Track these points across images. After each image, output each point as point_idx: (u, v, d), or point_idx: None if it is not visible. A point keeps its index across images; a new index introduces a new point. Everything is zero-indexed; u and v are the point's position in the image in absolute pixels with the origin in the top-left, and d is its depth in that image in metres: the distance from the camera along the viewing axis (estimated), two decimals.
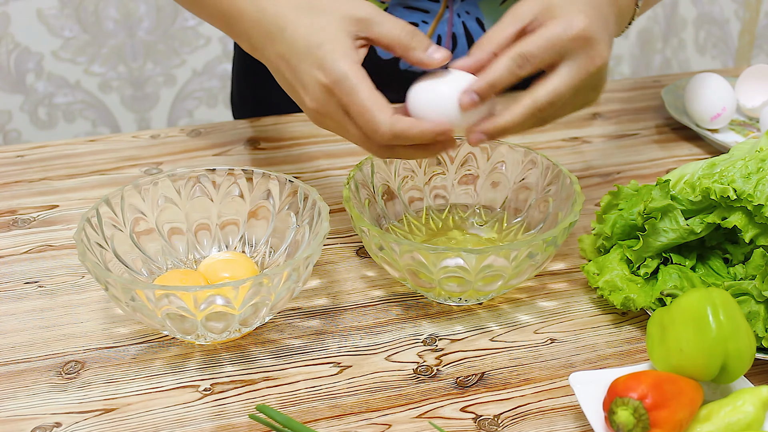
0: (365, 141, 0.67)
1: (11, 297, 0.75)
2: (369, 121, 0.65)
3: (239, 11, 0.72)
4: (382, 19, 0.68)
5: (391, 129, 0.64)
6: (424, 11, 0.97)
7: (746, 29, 2.05)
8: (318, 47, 0.66)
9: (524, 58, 0.65)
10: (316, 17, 0.67)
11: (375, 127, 0.65)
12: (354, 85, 0.65)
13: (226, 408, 0.64)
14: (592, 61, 0.66)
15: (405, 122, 0.65)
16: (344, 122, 0.67)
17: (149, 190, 0.74)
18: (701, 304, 0.60)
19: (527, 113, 0.66)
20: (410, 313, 0.74)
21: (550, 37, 0.65)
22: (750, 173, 0.69)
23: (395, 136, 0.64)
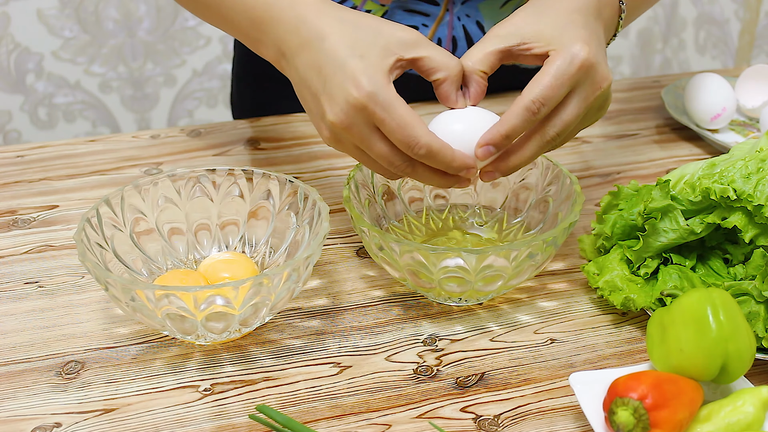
0: (390, 157, 0.66)
1: (11, 297, 0.75)
2: (408, 136, 0.64)
3: (276, 18, 0.70)
4: (428, 44, 0.68)
5: (429, 145, 0.64)
6: (424, 14, 0.97)
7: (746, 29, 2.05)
8: (359, 59, 0.65)
9: (537, 102, 0.65)
10: (360, 32, 0.67)
11: (413, 141, 0.64)
12: (392, 99, 0.64)
13: (226, 408, 0.64)
14: (599, 85, 0.68)
15: (441, 143, 0.65)
16: (370, 137, 0.66)
17: (149, 190, 0.75)
18: (701, 304, 0.60)
19: (539, 149, 0.68)
20: (410, 313, 0.74)
21: (558, 75, 0.66)
22: (750, 173, 0.69)
23: (430, 152, 0.65)
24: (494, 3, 0.99)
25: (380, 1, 0.96)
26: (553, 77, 0.65)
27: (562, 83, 0.66)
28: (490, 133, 0.66)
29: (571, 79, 0.66)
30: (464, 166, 0.66)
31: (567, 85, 0.66)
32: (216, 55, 2.14)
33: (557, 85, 0.65)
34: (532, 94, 0.65)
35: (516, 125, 0.66)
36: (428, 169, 0.67)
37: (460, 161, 0.66)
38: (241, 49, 1.14)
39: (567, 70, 0.66)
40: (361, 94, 0.64)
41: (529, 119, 0.66)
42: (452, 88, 0.68)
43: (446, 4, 0.97)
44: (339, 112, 0.65)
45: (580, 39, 0.67)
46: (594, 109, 0.70)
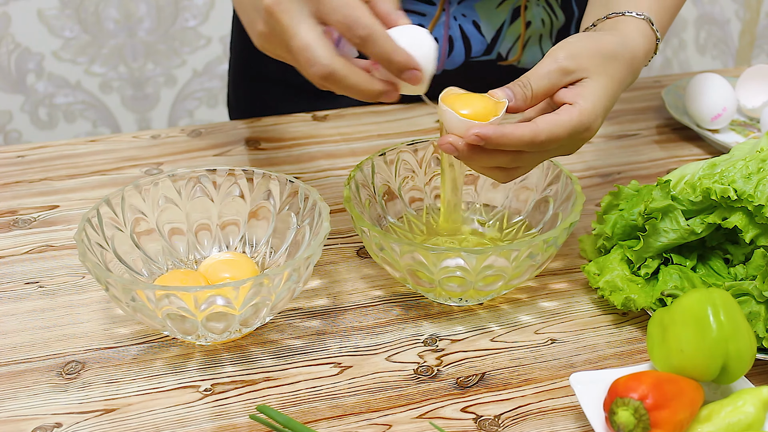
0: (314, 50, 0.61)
1: (12, 297, 0.75)
2: (349, 14, 0.60)
3: None
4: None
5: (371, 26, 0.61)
6: (420, 14, 0.97)
7: (747, 29, 2.05)
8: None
9: (546, 144, 0.66)
10: None
11: (354, 20, 0.61)
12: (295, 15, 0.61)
13: (226, 408, 0.64)
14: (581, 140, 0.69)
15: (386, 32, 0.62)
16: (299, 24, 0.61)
17: (150, 190, 0.75)
18: (702, 304, 0.60)
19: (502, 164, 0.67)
20: (411, 313, 0.74)
21: (572, 134, 0.67)
22: (750, 173, 0.69)
23: (371, 36, 0.61)
24: (491, 2, 0.99)
25: None
26: (567, 133, 0.66)
27: (568, 139, 0.67)
28: (492, 132, 0.65)
29: (574, 139, 0.68)
30: (407, 63, 0.62)
31: (562, 138, 0.67)
32: (216, 55, 2.14)
33: (563, 139, 0.67)
34: (544, 135, 0.66)
35: (515, 145, 0.66)
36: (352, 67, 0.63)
37: (404, 56, 0.62)
38: (238, 50, 1.14)
39: (579, 134, 0.67)
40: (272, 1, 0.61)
41: (525, 148, 0.66)
42: (391, 6, 0.65)
43: (442, 4, 0.97)
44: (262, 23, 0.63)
45: (603, 111, 0.69)
46: (566, 144, 0.69)
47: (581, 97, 0.68)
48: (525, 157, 0.68)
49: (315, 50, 0.61)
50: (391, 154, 0.79)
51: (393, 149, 0.79)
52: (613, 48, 0.70)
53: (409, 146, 0.80)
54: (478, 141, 0.65)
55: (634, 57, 0.72)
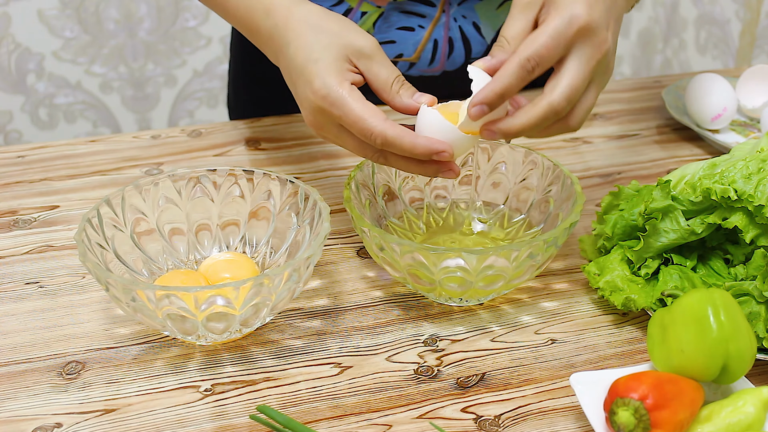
0: (361, 149, 0.69)
1: (12, 297, 0.75)
2: (362, 128, 0.66)
3: (256, 29, 0.74)
4: (381, 59, 0.70)
5: (383, 133, 0.66)
6: (420, 15, 0.97)
7: (747, 30, 2.05)
8: (314, 63, 0.68)
9: (532, 60, 0.65)
10: (320, 36, 0.69)
11: (368, 133, 0.66)
12: (343, 96, 0.66)
13: (226, 408, 0.64)
14: (598, 49, 0.66)
15: (398, 130, 0.66)
16: (340, 135, 0.69)
17: (150, 190, 0.75)
18: (702, 304, 0.60)
19: (543, 115, 0.65)
20: (411, 313, 0.74)
21: (554, 35, 0.65)
22: (751, 174, 0.69)
23: (387, 141, 0.66)
24: (491, 4, 0.99)
25: (376, 3, 0.96)
26: (549, 37, 0.65)
27: (558, 44, 0.65)
28: (484, 92, 0.65)
29: (568, 41, 0.65)
30: (429, 150, 0.66)
31: (563, 46, 0.65)
32: (216, 55, 2.14)
33: (553, 46, 0.65)
34: (527, 52, 0.64)
35: (510, 83, 0.64)
36: (401, 158, 0.68)
37: (424, 147, 0.66)
38: (238, 51, 1.14)
39: (564, 31, 0.65)
40: (317, 97, 0.67)
41: (523, 77, 0.65)
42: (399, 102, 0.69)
43: (442, 6, 0.97)
44: (308, 115, 0.69)
45: (581, 2, 0.66)
46: (598, 75, 0.68)
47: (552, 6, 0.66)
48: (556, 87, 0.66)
49: (364, 150, 0.69)
50: None
51: None
52: None
53: None
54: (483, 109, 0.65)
55: None
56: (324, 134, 0.70)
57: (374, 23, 0.97)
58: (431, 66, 1.01)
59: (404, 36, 0.98)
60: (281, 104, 1.07)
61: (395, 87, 0.69)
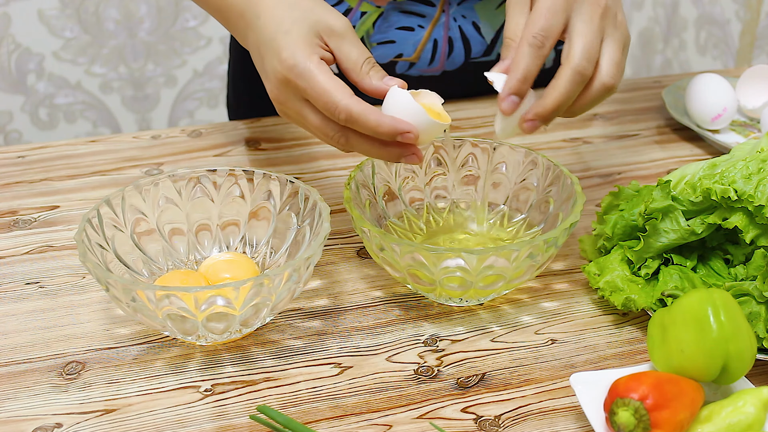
0: (324, 126, 0.67)
1: (12, 298, 0.75)
2: (327, 101, 0.65)
3: (228, 5, 0.73)
4: (352, 39, 0.68)
5: (348, 108, 0.64)
6: (420, 15, 0.97)
7: (747, 30, 2.05)
8: (283, 35, 0.66)
9: (538, 36, 0.65)
10: (291, 11, 0.68)
11: (332, 106, 0.64)
12: (311, 68, 0.65)
13: (227, 409, 0.64)
14: (597, 4, 0.67)
15: (363, 106, 0.64)
16: (302, 110, 0.67)
17: (150, 190, 0.75)
18: (702, 304, 0.60)
19: (571, 80, 0.65)
20: (411, 313, 0.74)
21: (548, 6, 0.65)
22: (751, 174, 0.69)
23: (351, 116, 0.64)
24: (490, 3, 0.99)
25: (376, 3, 0.96)
26: (545, 9, 0.65)
27: (555, 12, 0.65)
28: (507, 84, 0.65)
29: (564, 7, 0.66)
30: (393, 130, 0.65)
31: (561, 13, 0.66)
32: (217, 55, 2.14)
33: (551, 15, 0.65)
34: (532, 30, 0.65)
35: (528, 64, 0.65)
36: (363, 138, 0.67)
37: (389, 126, 0.64)
38: (237, 50, 1.14)
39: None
40: (283, 67, 0.66)
41: (537, 55, 0.65)
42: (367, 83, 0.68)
43: (442, 5, 0.97)
44: (273, 88, 0.68)
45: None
46: (609, 30, 0.68)
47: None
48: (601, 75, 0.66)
49: (326, 127, 0.67)
50: None
51: None
52: None
53: None
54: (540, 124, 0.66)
55: None
56: (286, 110, 0.69)
57: (374, 23, 0.97)
58: (431, 66, 1.01)
59: (404, 36, 0.98)
60: None
61: (365, 68, 0.68)
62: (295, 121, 0.69)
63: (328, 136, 0.67)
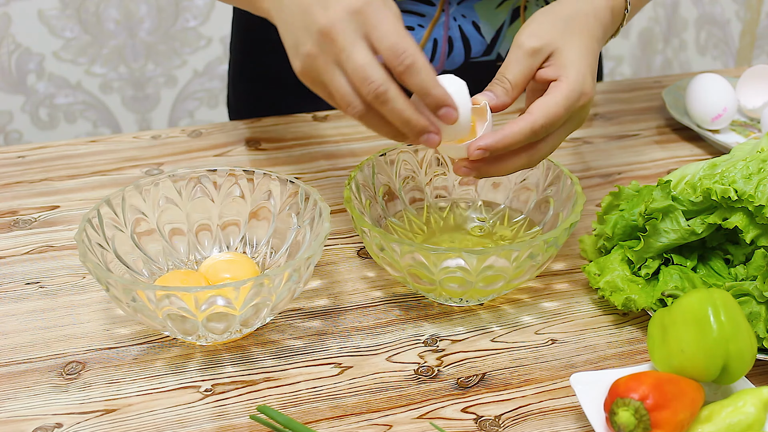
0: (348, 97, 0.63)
1: (12, 298, 0.75)
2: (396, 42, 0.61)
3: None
4: None
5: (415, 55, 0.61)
6: (420, 15, 0.97)
7: (747, 30, 2.05)
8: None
9: (544, 129, 0.67)
10: None
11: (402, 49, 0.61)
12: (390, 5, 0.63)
13: (227, 409, 0.64)
14: (587, 111, 0.71)
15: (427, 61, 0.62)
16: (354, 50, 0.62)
17: (150, 190, 0.75)
18: (702, 304, 0.60)
19: (524, 165, 0.69)
20: (411, 313, 0.74)
21: (567, 106, 0.68)
22: (751, 174, 0.69)
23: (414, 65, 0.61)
24: (490, 3, 0.99)
25: None
26: (563, 108, 0.67)
27: (566, 113, 0.68)
28: (491, 140, 0.66)
29: (574, 112, 0.69)
30: (443, 99, 0.63)
31: (569, 115, 0.68)
32: (217, 55, 2.14)
33: (562, 115, 0.68)
34: (542, 120, 0.67)
35: (518, 141, 0.67)
36: (381, 118, 0.64)
37: (441, 92, 0.63)
38: (238, 50, 1.14)
39: (575, 104, 0.68)
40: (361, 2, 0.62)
41: (530, 139, 0.67)
42: None
43: (442, 5, 0.97)
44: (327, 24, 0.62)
45: (589, 70, 0.69)
46: (575, 120, 0.71)
47: (562, 68, 0.69)
48: (540, 147, 0.69)
49: (372, 69, 0.62)
50: (392, 154, 0.79)
51: (393, 149, 0.80)
52: (570, 9, 0.71)
53: (409, 146, 0.80)
54: (484, 154, 0.67)
55: (596, 7, 0.72)
56: (318, 64, 0.63)
57: None
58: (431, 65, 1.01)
59: None
60: (281, 104, 1.07)
61: None
62: (323, 78, 0.64)
63: (349, 105, 0.63)
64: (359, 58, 0.62)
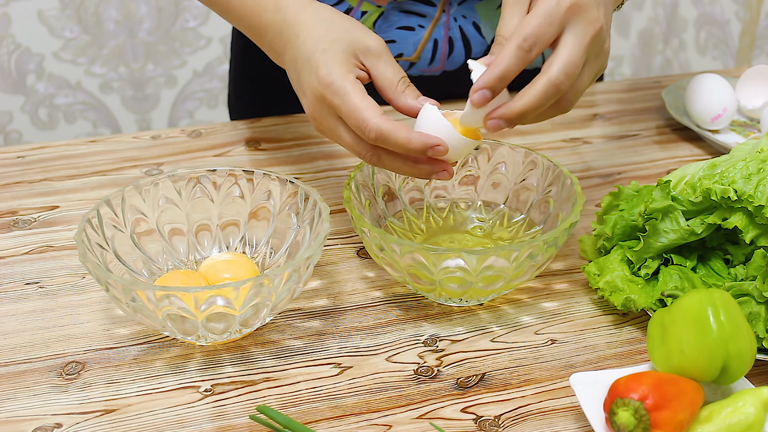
0: (356, 144, 0.69)
1: (12, 298, 0.75)
2: (358, 119, 0.66)
3: (265, 24, 0.75)
4: (388, 59, 0.70)
5: (378, 127, 0.65)
6: (420, 15, 0.97)
7: (747, 30, 2.05)
8: (321, 53, 0.68)
9: (529, 40, 0.64)
10: (329, 31, 0.70)
11: (363, 125, 0.66)
12: (346, 87, 0.67)
13: (226, 409, 0.64)
14: (592, 26, 0.66)
15: (393, 124, 0.66)
16: (336, 127, 0.69)
17: (150, 190, 0.75)
18: (702, 304, 0.60)
19: (545, 92, 0.65)
20: (411, 313, 0.74)
21: (546, 14, 0.65)
22: (751, 174, 0.69)
23: (381, 135, 0.65)
24: (491, 3, 0.99)
25: (376, 3, 0.96)
26: (541, 16, 0.65)
27: (551, 22, 0.65)
28: (484, 77, 0.64)
29: (561, 19, 0.65)
30: (423, 144, 0.65)
31: (557, 24, 0.65)
32: (217, 55, 2.14)
33: (546, 24, 0.65)
34: (523, 33, 0.64)
35: (509, 64, 0.64)
36: (394, 156, 0.68)
37: (418, 141, 0.65)
38: (239, 50, 1.14)
39: (555, 9, 0.65)
40: (321, 84, 0.67)
41: (522, 57, 0.64)
42: (402, 102, 0.69)
43: (442, 5, 0.97)
44: (308, 104, 0.70)
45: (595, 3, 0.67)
46: (593, 56, 0.68)
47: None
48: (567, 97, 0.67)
49: (359, 146, 0.68)
50: None
51: None
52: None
53: None
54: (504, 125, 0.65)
55: None
56: (321, 127, 0.71)
57: (374, 22, 0.97)
58: (431, 66, 1.01)
59: (404, 35, 0.98)
60: (281, 104, 1.07)
61: (400, 87, 0.69)
62: (329, 136, 0.71)
63: (360, 154, 0.69)
64: (345, 139, 0.69)
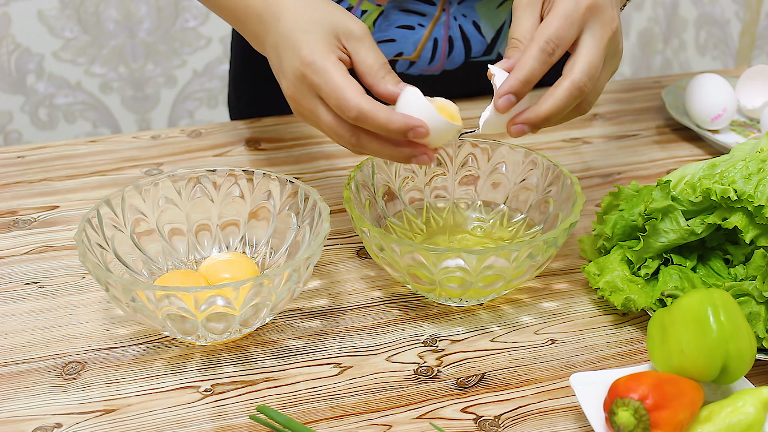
0: (336, 125, 0.67)
1: (12, 298, 0.75)
2: (338, 98, 0.65)
3: (246, 9, 0.74)
4: (370, 44, 0.69)
5: (358, 105, 0.64)
6: (420, 14, 0.97)
7: (747, 30, 2.05)
8: (302, 33, 0.67)
9: (551, 43, 0.65)
10: (311, 12, 0.69)
11: (343, 104, 0.65)
12: (327, 66, 0.66)
13: (226, 409, 0.64)
14: (609, 26, 0.67)
15: (374, 104, 0.64)
16: (316, 107, 0.67)
17: (150, 190, 0.75)
18: (702, 304, 0.60)
19: (569, 94, 0.65)
20: (411, 313, 0.74)
21: (566, 15, 0.65)
22: (751, 174, 0.69)
23: (361, 114, 0.64)
24: (491, 3, 0.99)
25: (376, 1, 0.96)
26: (562, 18, 0.65)
27: (572, 23, 0.65)
28: (508, 82, 0.65)
29: (580, 20, 0.66)
30: (404, 125, 0.64)
31: (577, 25, 0.66)
32: (216, 55, 2.14)
33: (567, 25, 0.65)
34: (545, 36, 0.65)
35: (533, 68, 0.64)
36: (374, 138, 0.67)
37: (399, 121, 0.64)
38: (238, 50, 1.14)
39: (575, 10, 0.66)
40: (301, 63, 0.66)
41: (545, 61, 0.65)
42: (383, 88, 0.68)
43: (442, 4, 0.97)
44: (289, 85, 0.68)
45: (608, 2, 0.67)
46: (610, 56, 0.69)
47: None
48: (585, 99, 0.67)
49: (340, 128, 0.67)
50: None
51: None
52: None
53: None
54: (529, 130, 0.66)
55: None
56: (300, 108, 0.69)
57: (374, 21, 0.97)
58: (431, 65, 1.01)
59: (404, 34, 0.98)
60: (281, 104, 1.07)
61: (381, 72, 0.68)
62: (308, 119, 0.70)
63: (339, 136, 0.67)
64: (325, 119, 0.67)
